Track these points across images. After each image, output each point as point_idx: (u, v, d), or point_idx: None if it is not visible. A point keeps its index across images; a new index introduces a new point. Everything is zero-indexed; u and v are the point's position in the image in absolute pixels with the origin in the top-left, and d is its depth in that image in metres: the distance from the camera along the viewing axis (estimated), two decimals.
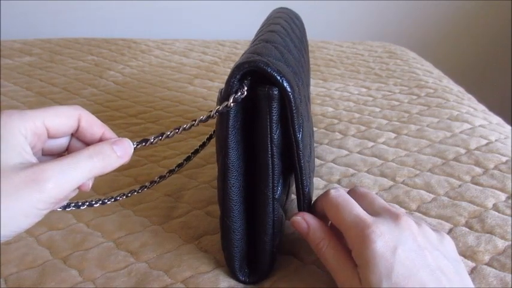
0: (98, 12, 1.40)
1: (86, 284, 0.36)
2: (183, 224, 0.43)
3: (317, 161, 0.54)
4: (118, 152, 0.29)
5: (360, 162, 0.54)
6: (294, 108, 0.30)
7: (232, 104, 0.30)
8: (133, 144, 0.31)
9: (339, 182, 0.50)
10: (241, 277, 0.35)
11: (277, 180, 0.33)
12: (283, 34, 0.39)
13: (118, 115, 0.69)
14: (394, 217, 0.30)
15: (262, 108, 0.31)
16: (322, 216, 0.35)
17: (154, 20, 1.45)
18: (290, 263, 0.38)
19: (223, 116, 0.31)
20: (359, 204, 0.32)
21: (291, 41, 0.40)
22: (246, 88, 0.30)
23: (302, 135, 0.32)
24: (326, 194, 0.34)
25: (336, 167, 0.53)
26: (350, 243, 0.30)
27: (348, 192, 0.35)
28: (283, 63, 0.32)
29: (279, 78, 0.29)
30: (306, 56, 0.49)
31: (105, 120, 0.67)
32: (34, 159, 0.27)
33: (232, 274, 0.36)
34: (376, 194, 0.48)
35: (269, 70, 0.29)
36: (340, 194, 0.33)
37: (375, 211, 0.32)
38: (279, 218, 0.34)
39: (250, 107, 0.31)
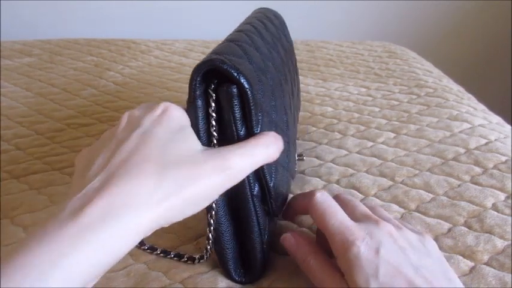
0: (97, 12, 1.41)
1: None
2: (181, 224, 0.43)
3: (316, 161, 0.54)
4: (280, 146, 0.32)
5: (359, 162, 0.54)
6: (251, 104, 0.31)
7: (200, 105, 0.31)
8: None
9: (338, 182, 0.50)
10: (237, 278, 0.36)
11: (252, 177, 0.33)
12: (251, 32, 0.39)
13: (118, 116, 0.69)
14: (375, 222, 0.32)
15: (225, 107, 0.31)
16: (297, 213, 0.39)
17: (153, 21, 1.45)
18: (289, 263, 0.38)
19: (192, 120, 0.32)
20: (343, 209, 0.34)
21: (262, 39, 0.39)
22: (213, 87, 0.31)
23: (261, 130, 0.32)
24: (311, 196, 0.34)
25: (335, 167, 0.53)
26: (334, 250, 0.31)
27: (333, 198, 0.36)
28: (245, 60, 0.32)
29: (235, 74, 0.29)
30: (288, 54, 0.48)
31: (105, 121, 0.68)
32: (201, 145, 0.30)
33: (228, 275, 0.36)
34: (375, 194, 0.48)
35: (225, 67, 0.29)
36: (325, 199, 0.34)
37: (356, 217, 0.33)
38: (262, 214, 0.35)
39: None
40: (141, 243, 0.39)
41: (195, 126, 0.31)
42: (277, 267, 0.37)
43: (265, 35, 0.41)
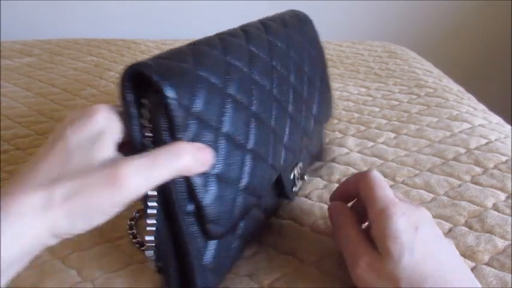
0: (97, 12, 1.40)
1: (85, 284, 0.36)
2: None
3: (317, 162, 0.54)
4: (202, 158, 0.29)
5: (360, 162, 0.54)
6: (173, 116, 0.27)
7: (132, 114, 0.28)
8: None
9: (338, 181, 0.50)
10: None
11: (185, 191, 0.29)
12: (232, 35, 0.36)
13: None
14: (416, 206, 0.33)
15: (153, 115, 0.28)
16: (347, 192, 0.38)
17: (154, 21, 1.45)
18: (290, 263, 0.38)
19: (127, 130, 0.29)
20: None
21: (248, 43, 0.36)
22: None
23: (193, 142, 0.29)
24: (367, 171, 0.35)
25: (336, 166, 0.53)
26: (375, 218, 0.32)
27: None
28: (191, 64, 0.29)
29: (157, 80, 0.27)
30: (301, 60, 0.43)
31: None
32: (115, 154, 0.28)
33: None
34: None
35: (147, 72, 0.27)
36: (380, 176, 0.35)
37: (400, 199, 0.34)
38: (200, 235, 0.31)
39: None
40: (134, 236, 0.40)
41: (131, 136, 0.29)
42: (279, 267, 0.37)
43: (257, 40, 0.38)
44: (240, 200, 0.33)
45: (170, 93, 0.27)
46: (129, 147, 0.29)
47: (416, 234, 0.30)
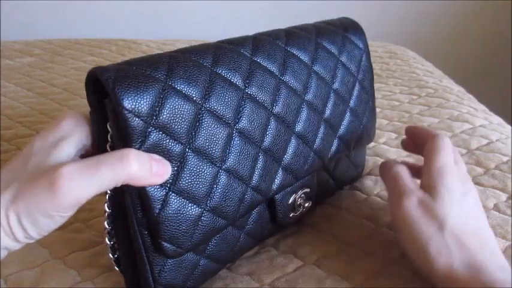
0: (98, 12, 1.41)
1: (85, 284, 0.36)
2: None
3: None
4: (154, 168, 0.27)
5: None
6: (124, 123, 0.27)
7: (93, 117, 0.29)
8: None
9: None
10: None
11: (137, 205, 0.29)
12: (234, 43, 0.34)
13: None
14: (470, 180, 0.37)
15: (111, 122, 0.28)
16: (416, 139, 0.43)
17: (154, 21, 1.45)
18: (290, 263, 0.38)
19: (93, 134, 0.30)
20: None
21: (254, 54, 0.35)
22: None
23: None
24: (441, 134, 0.38)
25: None
26: (433, 170, 0.35)
27: None
28: (162, 73, 0.28)
29: (110, 86, 0.26)
30: (315, 76, 0.39)
31: None
32: (70, 158, 0.28)
33: None
34: (378, 193, 0.48)
35: (100, 77, 0.27)
36: (450, 143, 0.38)
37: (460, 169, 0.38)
38: (148, 246, 0.30)
39: None
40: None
41: (96, 141, 0.29)
42: (278, 266, 0.37)
43: (266, 48, 0.36)
44: (206, 220, 0.31)
45: (121, 100, 0.26)
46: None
47: (465, 199, 0.34)
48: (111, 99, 0.27)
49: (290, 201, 0.39)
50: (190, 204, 0.30)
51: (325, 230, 0.42)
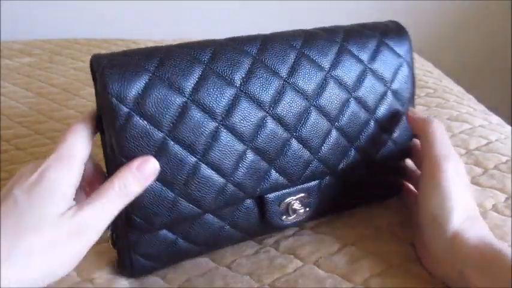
0: (97, 12, 1.40)
1: (85, 284, 0.36)
2: None
3: None
4: (144, 173, 0.30)
5: None
6: (107, 111, 0.30)
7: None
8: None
9: None
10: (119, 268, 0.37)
11: None
12: (239, 42, 0.35)
13: None
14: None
15: (100, 107, 0.32)
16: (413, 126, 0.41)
17: (154, 21, 1.45)
18: (290, 263, 0.38)
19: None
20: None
21: (261, 53, 0.35)
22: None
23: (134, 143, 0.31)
24: (435, 120, 0.39)
25: None
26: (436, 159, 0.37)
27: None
28: (152, 64, 0.31)
29: (100, 72, 0.30)
30: (332, 81, 0.37)
31: None
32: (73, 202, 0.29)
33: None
34: None
35: (95, 63, 0.31)
36: (444, 130, 0.39)
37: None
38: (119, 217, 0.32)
39: None
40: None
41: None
42: (278, 266, 0.38)
43: (276, 48, 0.36)
44: (180, 205, 0.33)
45: (108, 85, 0.29)
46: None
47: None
48: (99, 84, 0.30)
49: (283, 203, 0.38)
50: (165, 188, 0.32)
51: (325, 231, 0.42)
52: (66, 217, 0.27)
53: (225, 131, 0.33)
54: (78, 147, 0.30)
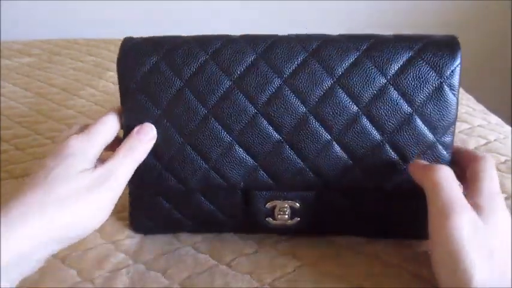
0: (97, 12, 1.40)
1: (85, 284, 0.36)
2: None
3: None
4: (144, 141, 0.36)
5: None
6: (119, 83, 0.38)
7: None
8: None
9: None
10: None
11: None
12: (247, 40, 0.37)
13: None
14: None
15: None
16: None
17: (153, 21, 1.45)
18: (289, 263, 0.38)
19: None
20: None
21: (266, 52, 0.36)
22: None
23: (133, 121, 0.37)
24: (485, 156, 0.35)
25: None
26: (487, 194, 0.33)
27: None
28: (160, 51, 0.37)
29: (121, 52, 0.39)
30: (340, 90, 0.35)
31: None
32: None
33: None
34: None
35: (122, 43, 0.39)
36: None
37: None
38: None
39: None
40: None
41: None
42: (278, 266, 0.38)
43: (284, 51, 0.36)
44: (167, 178, 0.38)
45: (121, 63, 0.39)
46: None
47: (509, 230, 0.32)
48: (118, 62, 0.38)
49: (269, 203, 0.38)
50: (151, 157, 0.37)
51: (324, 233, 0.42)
52: (89, 171, 0.32)
53: (213, 118, 0.36)
54: (101, 128, 0.35)
